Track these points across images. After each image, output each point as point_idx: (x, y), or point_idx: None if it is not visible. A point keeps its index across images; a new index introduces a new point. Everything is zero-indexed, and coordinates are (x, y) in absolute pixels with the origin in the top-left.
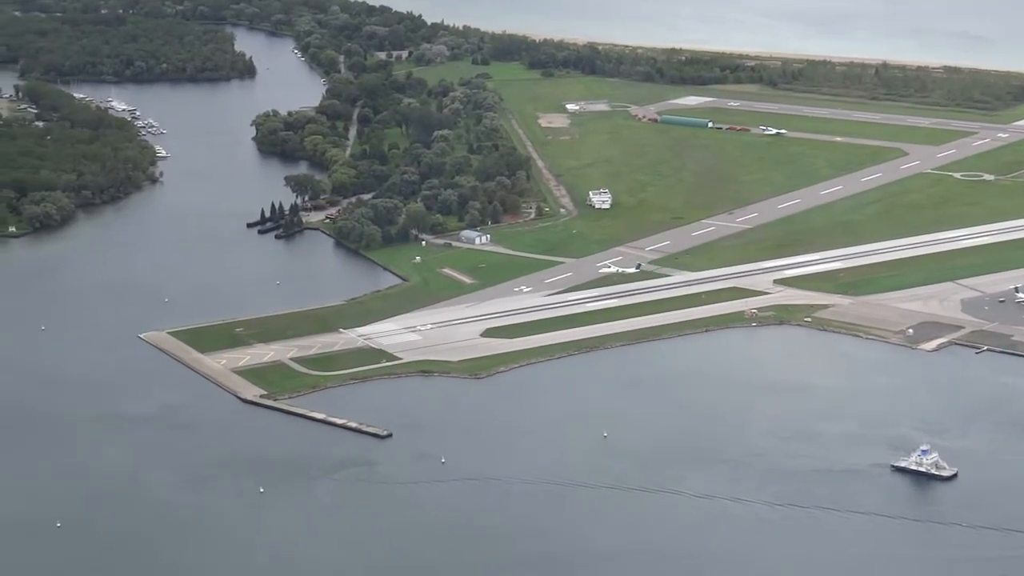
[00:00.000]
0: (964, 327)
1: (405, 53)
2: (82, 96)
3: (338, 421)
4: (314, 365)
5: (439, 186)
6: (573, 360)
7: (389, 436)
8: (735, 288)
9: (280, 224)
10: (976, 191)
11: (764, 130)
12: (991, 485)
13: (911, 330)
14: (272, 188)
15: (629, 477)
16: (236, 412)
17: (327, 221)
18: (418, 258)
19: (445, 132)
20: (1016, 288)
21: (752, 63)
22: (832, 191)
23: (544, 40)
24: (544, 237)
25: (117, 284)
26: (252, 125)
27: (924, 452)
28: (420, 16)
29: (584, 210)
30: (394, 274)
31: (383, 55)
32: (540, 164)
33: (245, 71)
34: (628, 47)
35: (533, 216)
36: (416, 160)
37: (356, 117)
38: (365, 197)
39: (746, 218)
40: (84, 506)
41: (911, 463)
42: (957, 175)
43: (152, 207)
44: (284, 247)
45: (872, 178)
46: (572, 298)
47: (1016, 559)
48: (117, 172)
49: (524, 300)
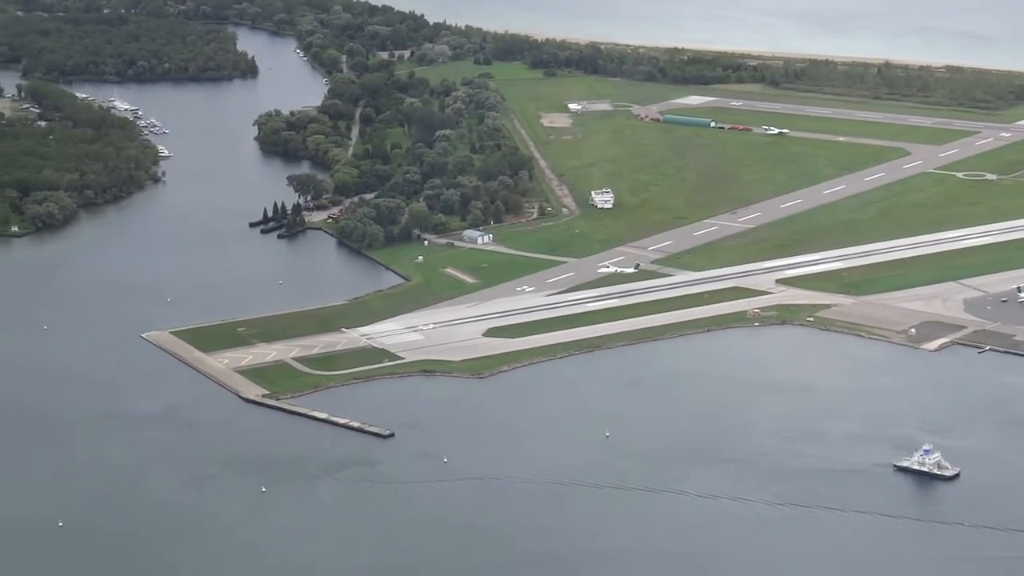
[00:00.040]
0: (967, 327)
1: (407, 53)
2: (84, 96)
3: (340, 421)
4: (316, 365)
5: (441, 186)
6: (575, 360)
7: (391, 436)
8: (737, 288)
9: (282, 224)
10: (979, 191)
11: (766, 130)
12: (994, 485)
13: (913, 330)
14: (274, 188)
15: (631, 477)
16: (238, 412)
17: (329, 221)
18: (420, 258)
19: (447, 132)
20: (1019, 288)
21: (754, 63)
22: (835, 191)
23: (546, 40)
24: (546, 237)
25: (119, 284)
26: (254, 125)
27: (927, 452)
28: (422, 16)
29: (586, 210)
30: (396, 274)
31: (385, 55)
32: (542, 164)
33: (247, 71)
34: (630, 47)
35: (535, 216)
36: (418, 160)
37: (358, 117)
38: (367, 197)
39: (748, 218)
40: (86, 505)
41: (914, 463)
42: (960, 175)
43: (154, 207)
44: (286, 247)
45: (875, 178)
46: (574, 298)
47: (1019, 559)
48: (119, 172)
49: (526, 300)
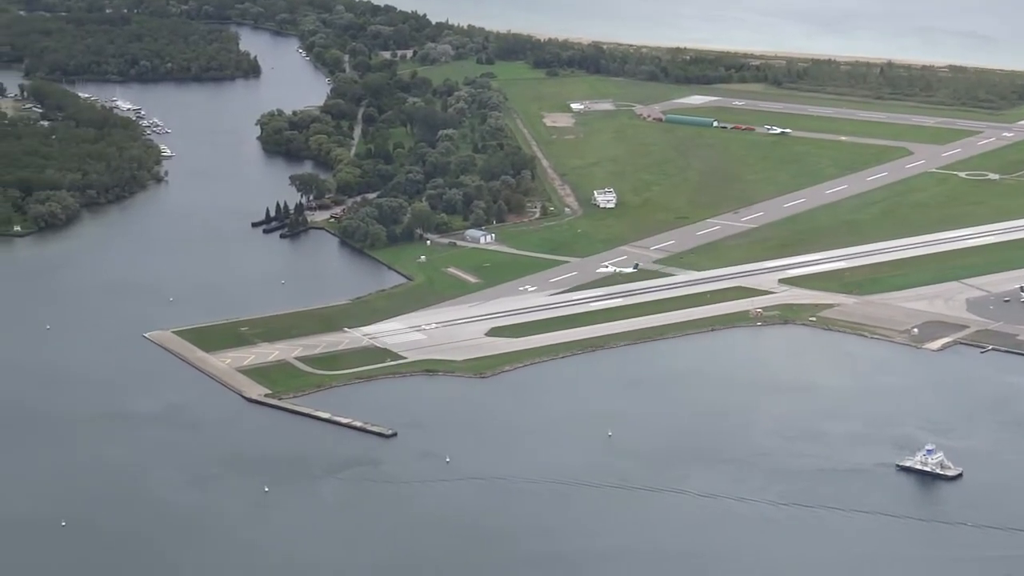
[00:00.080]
0: (969, 326)
1: (410, 52)
2: (87, 95)
3: (343, 420)
4: (319, 364)
5: (444, 185)
6: (578, 360)
7: (394, 435)
8: (740, 287)
9: (285, 223)
10: (981, 190)
11: (769, 129)
12: (996, 485)
13: (916, 329)
14: (277, 187)
15: (633, 476)
16: (241, 411)
17: (332, 220)
18: (423, 257)
19: (450, 131)
20: (1021, 287)
21: (757, 62)
22: (837, 190)
23: (549, 39)
24: (549, 236)
25: (122, 283)
26: (257, 124)
27: (929, 452)
28: (425, 15)
29: (589, 209)
30: (399, 273)
31: (388, 54)
32: (545, 163)
33: (250, 70)
34: (633, 46)
35: (538, 215)
36: (421, 159)
37: (361, 116)
38: (370, 196)
39: (751, 217)
40: (88, 505)
41: (916, 463)
42: (962, 174)
43: (157, 206)
44: (289, 246)
45: (877, 177)
46: (577, 298)
47: (1021, 559)
48: (122, 171)
49: (529, 300)
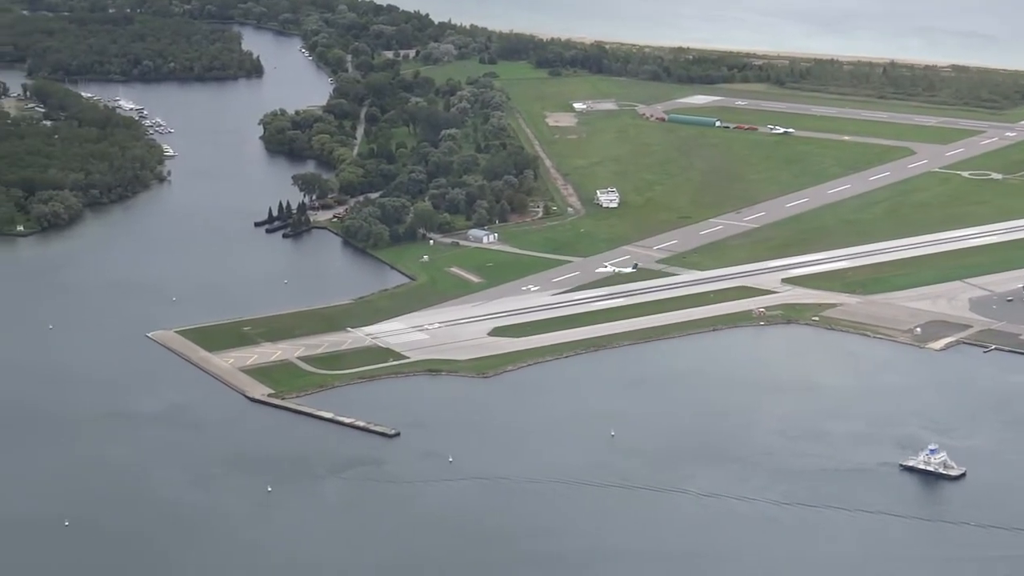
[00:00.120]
0: (972, 326)
1: (412, 52)
2: (90, 95)
3: (345, 420)
4: (321, 364)
5: (446, 185)
6: (580, 359)
7: (397, 435)
8: (743, 287)
9: (288, 223)
10: (984, 190)
11: (772, 129)
12: (999, 484)
13: (919, 329)
14: (279, 187)
15: (637, 476)
16: (243, 411)
17: (335, 220)
18: (425, 257)
19: (452, 131)
20: None
21: (759, 62)
22: (840, 190)
23: (551, 39)
24: (551, 236)
25: (125, 283)
26: (259, 124)
27: (932, 451)
28: (427, 15)
29: (591, 209)
30: (401, 273)
31: (390, 54)
32: (547, 163)
33: (252, 70)
34: (635, 46)
35: (540, 215)
36: (423, 159)
37: (363, 116)
38: (372, 196)
39: (754, 217)
40: (91, 505)
41: (919, 462)
42: (965, 174)
43: (160, 206)
44: (292, 246)
45: (880, 177)
46: (579, 297)
47: None
48: (125, 171)
49: (531, 299)
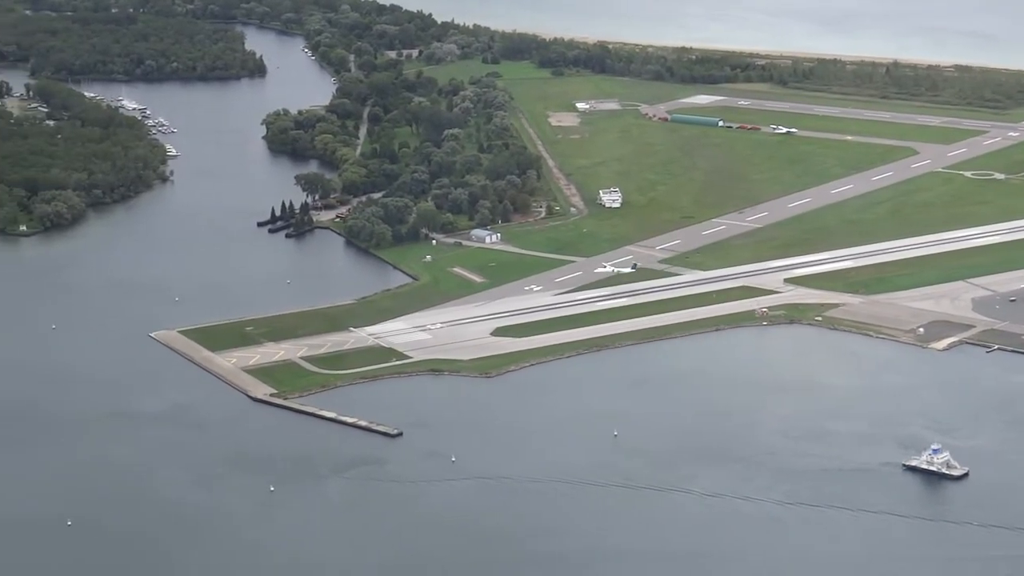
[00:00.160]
0: (975, 326)
1: (415, 52)
2: (92, 95)
3: (348, 420)
4: (324, 364)
5: (449, 185)
6: (583, 359)
7: (399, 435)
8: (745, 287)
9: (290, 223)
10: (987, 190)
11: (775, 129)
12: (1002, 484)
13: (922, 329)
14: (282, 187)
15: (639, 476)
16: (246, 411)
17: (337, 220)
18: (428, 257)
19: (455, 131)
20: None
21: (762, 62)
22: (843, 190)
23: (554, 39)
24: (554, 236)
25: (127, 283)
26: (262, 124)
27: (935, 451)
28: (430, 15)
29: (594, 209)
30: (404, 273)
31: (393, 54)
32: (550, 163)
33: (255, 70)
34: (638, 46)
35: (543, 215)
36: (426, 159)
37: (366, 116)
38: (375, 196)
39: (756, 217)
40: (94, 505)
41: (922, 462)
42: (968, 174)
43: (162, 206)
44: (294, 246)
45: (883, 177)
46: (582, 297)
47: None
48: (127, 171)
49: (534, 299)
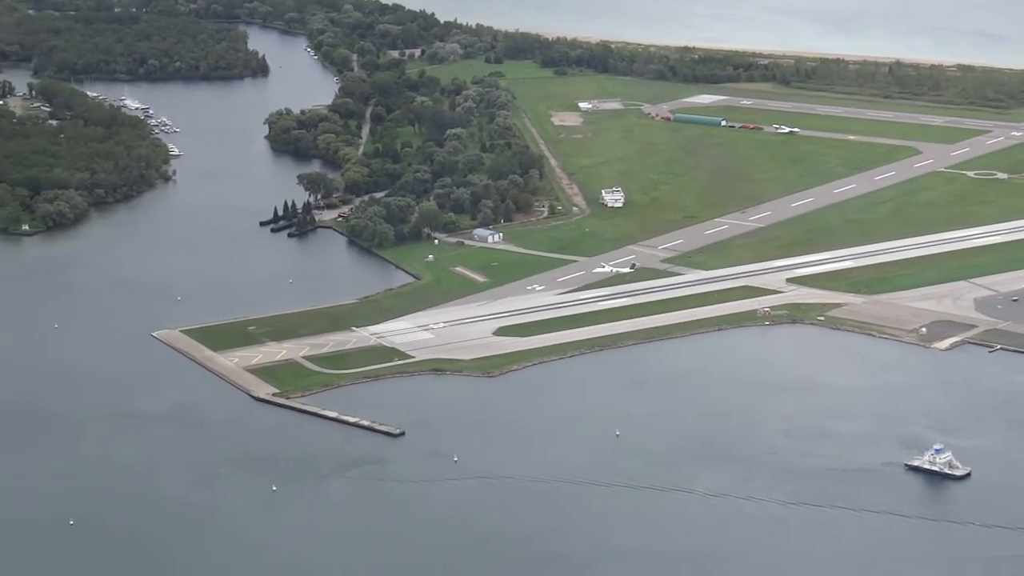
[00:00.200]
0: (977, 326)
1: (418, 51)
2: (95, 94)
3: (350, 419)
4: (327, 363)
5: (452, 184)
6: (585, 359)
7: (401, 434)
8: (748, 287)
9: (293, 222)
10: (990, 189)
11: (777, 128)
12: (1005, 484)
13: (924, 329)
14: (285, 186)
15: (642, 476)
16: (248, 410)
17: (340, 219)
18: (431, 256)
19: (458, 130)
20: None
21: (765, 61)
22: (845, 190)
23: (557, 39)
24: (557, 235)
25: (130, 282)
26: (265, 123)
27: (937, 451)
28: (433, 14)
29: (597, 208)
30: (407, 272)
31: (396, 53)
32: (553, 162)
33: (258, 69)
34: (641, 45)
35: (546, 214)
36: (429, 158)
37: (369, 115)
38: (378, 195)
39: (759, 217)
40: (96, 504)
41: (924, 462)
42: (971, 174)
43: (165, 205)
44: (297, 245)
45: (885, 176)
46: (584, 297)
47: None
48: (130, 170)
49: (536, 299)
